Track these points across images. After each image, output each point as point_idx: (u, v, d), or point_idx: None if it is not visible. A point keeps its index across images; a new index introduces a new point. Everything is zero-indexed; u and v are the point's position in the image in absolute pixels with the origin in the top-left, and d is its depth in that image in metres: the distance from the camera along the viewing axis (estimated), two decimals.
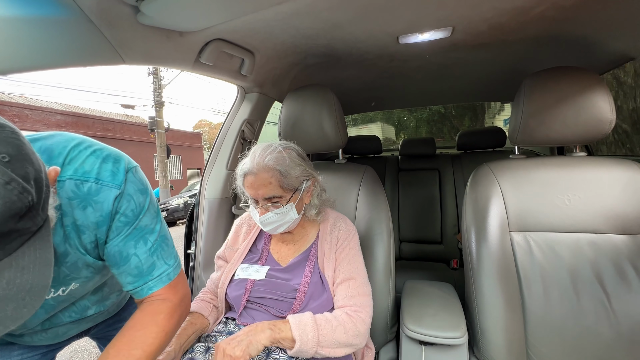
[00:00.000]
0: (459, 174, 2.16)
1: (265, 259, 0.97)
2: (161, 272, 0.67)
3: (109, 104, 31.48)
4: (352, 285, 0.87)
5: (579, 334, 0.84)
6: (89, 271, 0.67)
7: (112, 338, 0.74)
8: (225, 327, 0.91)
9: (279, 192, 0.85)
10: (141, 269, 0.64)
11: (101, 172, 0.58)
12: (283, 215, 0.88)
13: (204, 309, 0.95)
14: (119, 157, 0.63)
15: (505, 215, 0.94)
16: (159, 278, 0.66)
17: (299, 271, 0.91)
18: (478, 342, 0.91)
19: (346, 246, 0.93)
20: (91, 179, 0.57)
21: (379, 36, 1.11)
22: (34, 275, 0.40)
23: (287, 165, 0.86)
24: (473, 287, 0.93)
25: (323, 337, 0.76)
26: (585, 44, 1.19)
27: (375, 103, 2.20)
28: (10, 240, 0.38)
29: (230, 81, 1.31)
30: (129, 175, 0.62)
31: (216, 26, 0.91)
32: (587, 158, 0.99)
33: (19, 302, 0.38)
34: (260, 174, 0.84)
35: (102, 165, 0.59)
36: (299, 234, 0.99)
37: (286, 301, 0.87)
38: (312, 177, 0.93)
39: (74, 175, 0.56)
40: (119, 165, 0.61)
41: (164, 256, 0.67)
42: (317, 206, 0.96)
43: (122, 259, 0.63)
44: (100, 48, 0.75)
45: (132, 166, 0.64)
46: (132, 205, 0.62)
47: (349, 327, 0.80)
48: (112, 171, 0.60)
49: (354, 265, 0.90)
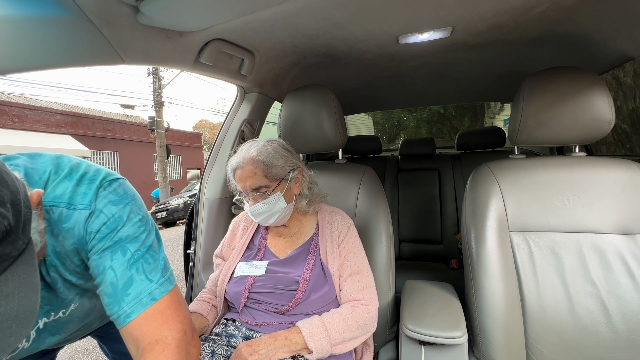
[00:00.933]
0: (459, 174, 2.16)
1: (263, 252, 0.99)
2: (140, 290, 0.53)
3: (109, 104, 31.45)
4: (361, 278, 0.91)
5: (578, 334, 0.84)
6: (85, 294, 0.63)
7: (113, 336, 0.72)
8: (225, 328, 0.91)
9: (264, 182, 0.89)
10: (116, 285, 0.53)
11: (74, 196, 0.53)
12: (271, 204, 0.90)
13: (202, 309, 0.96)
14: (96, 175, 0.57)
15: (504, 215, 0.95)
16: (137, 300, 0.53)
17: (299, 263, 0.93)
18: (478, 342, 0.91)
19: (348, 240, 0.95)
20: (62, 203, 0.52)
21: (379, 36, 1.11)
22: (19, 302, 0.37)
23: (270, 156, 0.90)
24: (473, 287, 0.93)
25: (335, 339, 0.80)
26: (585, 44, 1.19)
27: (374, 103, 2.21)
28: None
29: (229, 81, 1.31)
30: (100, 191, 0.56)
31: (216, 26, 0.91)
32: (587, 158, 0.99)
33: (5, 331, 0.35)
34: (246, 166, 0.89)
35: (75, 188, 0.54)
36: (295, 227, 1.01)
37: (286, 293, 0.88)
38: (298, 167, 0.97)
39: (45, 201, 0.51)
40: (93, 185, 0.55)
41: (145, 270, 0.55)
42: (308, 196, 0.98)
43: (98, 276, 0.54)
44: (100, 48, 0.75)
45: (108, 180, 0.58)
46: (104, 220, 0.54)
47: (354, 324, 0.83)
48: (84, 192, 0.54)
49: (359, 257, 0.94)
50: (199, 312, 0.94)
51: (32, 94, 12.53)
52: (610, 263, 0.86)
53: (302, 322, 0.82)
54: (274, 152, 0.92)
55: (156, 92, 11.21)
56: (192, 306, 0.97)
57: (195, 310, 0.95)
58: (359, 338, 0.85)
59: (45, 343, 0.62)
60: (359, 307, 0.86)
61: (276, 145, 0.95)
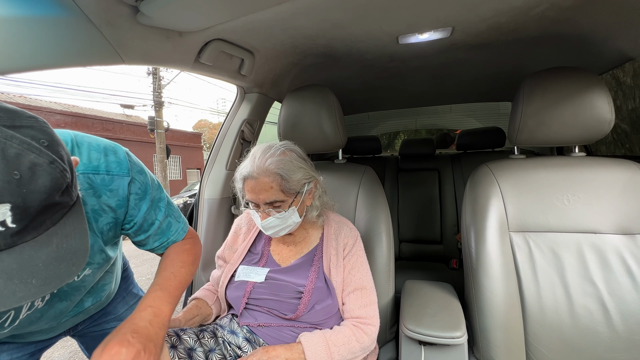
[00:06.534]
0: (459, 174, 2.16)
1: (265, 260, 0.96)
2: (177, 228, 0.82)
3: (109, 104, 31.43)
4: (364, 294, 0.88)
5: (578, 334, 0.84)
6: (101, 257, 0.74)
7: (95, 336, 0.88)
8: (230, 323, 0.92)
9: (280, 197, 0.83)
10: (162, 228, 0.79)
11: (107, 164, 0.67)
12: (285, 219, 0.86)
13: (208, 297, 0.98)
14: (113, 146, 0.71)
15: (504, 215, 0.95)
16: (176, 233, 0.82)
17: (301, 273, 0.90)
18: (477, 342, 0.91)
19: (354, 253, 0.92)
20: (102, 171, 0.66)
21: (379, 36, 1.11)
22: (75, 241, 0.48)
23: (288, 169, 0.83)
24: (472, 287, 0.93)
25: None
26: (584, 44, 1.19)
27: (374, 103, 2.21)
28: (55, 212, 0.45)
29: (229, 81, 1.31)
30: (130, 162, 0.71)
31: (216, 26, 0.91)
32: (587, 158, 0.99)
33: (68, 261, 0.46)
34: (261, 178, 0.82)
35: (106, 158, 0.67)
36: (300, 236, 0.98)
37: (289, 303, 0.86)
38: (314, 179, 0.91)
39: (86, 170, 0.64)
40: (118, 155, 0.70)
41: (175, 216, 0.82)
42: (319, 208, 0.94)
43: (148, 226, 0.76)
44: (99, 48, 0.75)
45: (126, 152, 0.73)
46: (141, 185, 0.72)
47: (357, 347, 0.82)
48: (117, 162, 0.68)
49: (363, 272, 0.91)
50: (205, 299, 0.96)
51: (32, 94, 12.52)
52: (610, 263, 0.86)
53: (306, 341, 0.78)
54: (291, 165, 0.85)
55: (156, 92, 11.21)
56: (199, 293, 1.00)
57: (201, 297, 0.97)
58: (357, 359, 0.83)
59: (54, 308, 0.71)
60: (362, 327, 0.84)
61: (294, 155, 0.88)
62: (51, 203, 0.43)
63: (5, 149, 0.39)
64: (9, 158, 0.39)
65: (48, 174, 0.42)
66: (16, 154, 0.40)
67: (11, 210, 0.39)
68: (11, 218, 0.39)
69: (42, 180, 0.41)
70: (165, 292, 0.70)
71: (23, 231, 0.41)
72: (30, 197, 0.40)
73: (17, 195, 0.39)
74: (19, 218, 0.40)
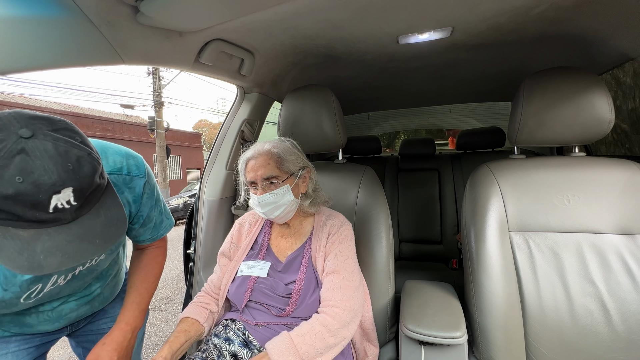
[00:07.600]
0: (459, 174, 2.16)
1: (265, 251, 0.99)
2: (166, 225, 0.97)
3: (109, 104, 31.40)
4: (335, 278, 0.87)
5: (578, 334, 0.84)
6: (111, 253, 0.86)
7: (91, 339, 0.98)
8: (224, 330, 0.91)
9: (276, 172, 0.92)
10: (156, 223, 0.93)
11: (129, 167, 0.81)
12: (279, 196, 0.92)
13: (200, 315, 0.93)
14: (132, 153, 0.85)
15: (504, 215, 0.95)
16: (165, 229, 0.97)
17: (295, 266, 0.94)
18: (477, 342, 0.91)
19: (335, 239, 0.94)
20: (124, 172, 0.80)
21: (379, 36, 1.11)
22: (116, 212, 0.63)
23: (284, 150, 0.96)
24: (472, 287, 0.93)
25: (305, 353, 0.75)
26: (584, 44, 1.19)
27: (374, 103, 2.21)
28: (98, 191, 0.59)
29: (229, 81, 1.31)
30: (146, 166, 0.86)
31: (216, 26, 0.91)
32: (587, 158, 0.99)
33: (115, 225, 0.62)
34: (260, 156, 0.93)
35: (126, 161, 0.81)
36: (295, 227, 1.01)
37: (284, 298, 0.88)
38: (307, 167, 1.00)
39: (112, 171, 0.78)
40: (137, 159, 0.84)
41: (166, 214, 0.96)
42: (312, 197, 1.00)
43: (149, 220, 0.90)
44: (99, 48, 0.75)
45: (141, 158, 0.87)
46: (151, 186, 0.87)
47: (323, 331, 0.79)
48: (135, 165, 0.82)
49: (341, 258, 0.90)
50: (195, 317, 0.92)
51: (32, 94, 12.51)
52: (610, 263, 0.86)
53: (270, 342, 0.77)
54: (287, 148, 0.97)
55: (156, 92, 11.21)
56: (189, 311, 0.94)
57: (191, 315, 0.92)
58: (334, 348, 0.79)
59: (70, 286, 0.81)
60: (325, 310, 0.82)
61: (289, 144, 1.01)
62: (95, 184, 0.57)
63: (57, 148, 0.52)
64: (62, 154, 0.52)
65: (89, 163, 0.55)
66: (65, 151, 0.53)
67: (73, 193, 0.53)
68: (73, 198, 0.53)
69: (87, 168, 0.55)
70: (140, 308, 0.89)
71: (82, 207, 0.56)
72: (83, 181, 0.54)
73: (75, 181, 0.53)
74: (78, 197, 0.54)
